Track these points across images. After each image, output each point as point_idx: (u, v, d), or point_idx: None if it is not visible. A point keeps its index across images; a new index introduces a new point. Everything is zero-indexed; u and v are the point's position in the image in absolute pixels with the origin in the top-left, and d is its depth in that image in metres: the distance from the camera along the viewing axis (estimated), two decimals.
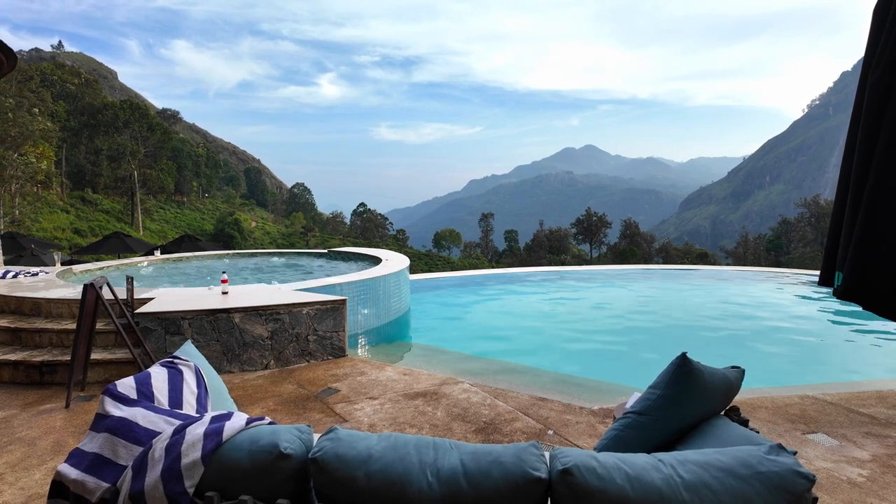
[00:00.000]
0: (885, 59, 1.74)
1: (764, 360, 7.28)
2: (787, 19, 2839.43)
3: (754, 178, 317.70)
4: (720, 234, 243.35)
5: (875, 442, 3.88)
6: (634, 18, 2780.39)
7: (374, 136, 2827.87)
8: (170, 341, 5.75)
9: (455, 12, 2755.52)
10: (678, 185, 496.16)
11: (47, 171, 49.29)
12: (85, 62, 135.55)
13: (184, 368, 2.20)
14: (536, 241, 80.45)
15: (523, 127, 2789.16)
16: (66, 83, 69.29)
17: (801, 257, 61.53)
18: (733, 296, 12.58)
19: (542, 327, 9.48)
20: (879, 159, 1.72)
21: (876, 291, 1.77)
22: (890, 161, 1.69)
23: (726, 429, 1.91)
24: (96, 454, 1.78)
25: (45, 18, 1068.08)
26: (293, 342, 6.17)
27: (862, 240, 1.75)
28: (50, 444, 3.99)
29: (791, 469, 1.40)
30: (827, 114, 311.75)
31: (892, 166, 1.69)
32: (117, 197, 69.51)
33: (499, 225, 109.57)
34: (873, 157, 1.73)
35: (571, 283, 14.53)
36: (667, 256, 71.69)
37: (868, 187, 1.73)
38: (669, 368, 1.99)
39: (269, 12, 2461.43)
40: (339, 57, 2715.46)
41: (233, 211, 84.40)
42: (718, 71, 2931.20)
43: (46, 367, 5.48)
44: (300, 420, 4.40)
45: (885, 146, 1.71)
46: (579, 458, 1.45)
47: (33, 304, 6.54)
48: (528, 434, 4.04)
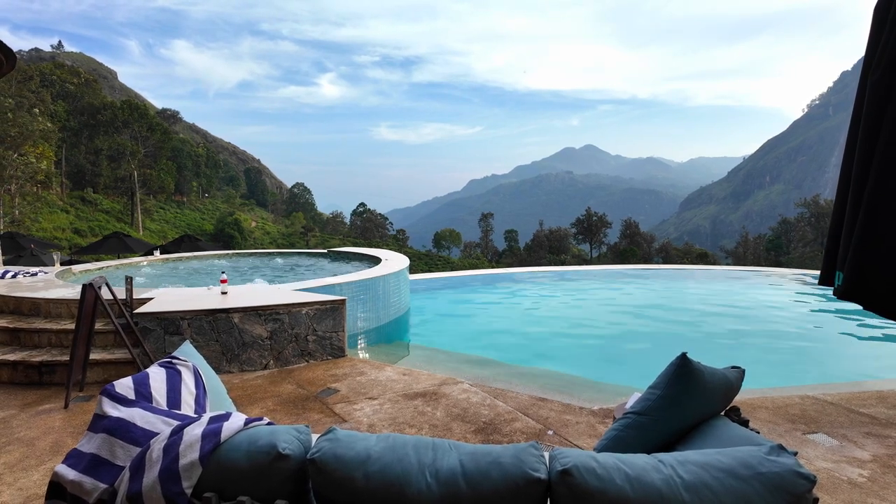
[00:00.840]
0: (885, 59, 1.74)
1: (764, 359, 7.28)
2: (787, 19, 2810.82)
3: (754, 177, 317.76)
4: (720, 234, 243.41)
5: (875, 442, 3.87)
6: (634, 18, 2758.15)
7: (375, 136, 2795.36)
8: (169, 341, 5.75)
9: (455, 12, 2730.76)
10: (678, 184, 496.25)
11: (47, 171, 49.32)
12: (85, 62, 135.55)
13: (182, 369, 2.20)
14: (536, 241, 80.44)
15: (523, 127, 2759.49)
16: (66, 83, 69.27)
17: (801, 257, 61.53)
18: (733, 296, 12.58)
19: (541, 327, 9.47)
20: (880, 159, 1.71)
21: (876, 291, 1.76)
22: (890, 161, 1.68)
23: (726, 429, 1.90)
24: (94, 455, 1.77)
25: (44, 18, 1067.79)
26: (292, 342, 6.17)
27: (862, 240, 1.75)
28: (49, 444, 3.98)
29: (792, 470, 1.39)
30: (827, 114, 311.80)
31: (892, 166, 1.68)
32: (117, 197, 69.52)
33: (499, 225, 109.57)
34: (874, 157, 1.73)
35: (571, 283, 14.53)
36: (667, 256, 71.68)
37: (868, 187, 1.72)
38: (669, 368, 1.98)
39: (269, 12, 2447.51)
40: (339, 57, 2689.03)
41: (233, 211, 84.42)
42: (718, 71, 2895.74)
43: (45, 368, 5.48)
44: (299, 420, 4.40)
45: (885, 146, 1.70)
46: (579, 459, 1.44)
47: (32, 304, 6.54)
48: (527, 434, 4.04)
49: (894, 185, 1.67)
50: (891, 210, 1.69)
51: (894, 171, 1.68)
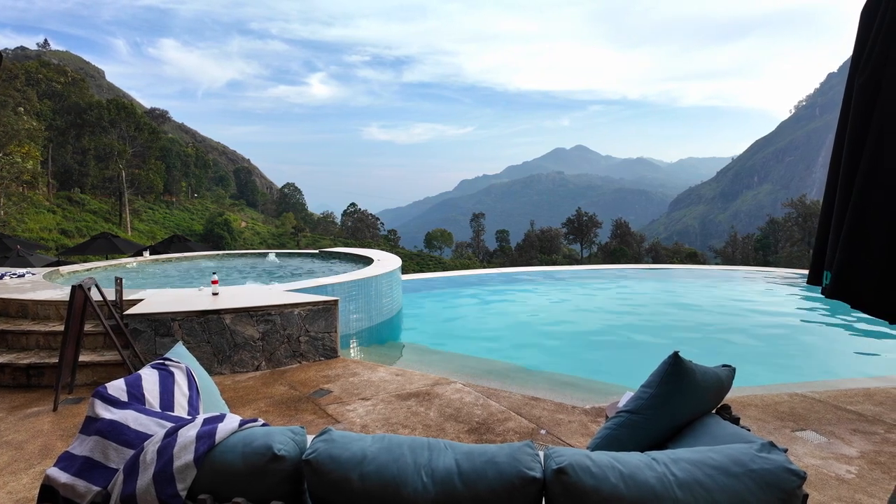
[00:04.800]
0: (871, 63, 1.77)
1: (754, 358, 7.35)
2: (775, 21, 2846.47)
3: (743, 178, 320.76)
4: (709, 234, 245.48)
5: (863, 439, 3.93)
6: (625, 20, 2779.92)
7: (365, 136, 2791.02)
8: (159, 343, 5.70)
9: (446, 12, 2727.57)
10: (668, 185, 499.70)
11: (33, 171, 48.61)
12: (71, 61, 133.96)
13: (175, 370, 2.18)
14: (528, 241, 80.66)
15: (514, 127, 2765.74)
16: (52, 82, 68.34)
17: (789, 256, 62.20)
18: (723, 295, 12.70)
19: (533, 327, 9.50)
20: (866, 160, 1.74)
21: (863, 290, 1.79)
22: (877, 161, 1.72)
23: (718, 427, 1.93)
24: (86, 457, 1.76)
25: (29, 17, 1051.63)
26: (285, 343, 6.14)
27: (850, 240, 1.78)
28: (38, 447, 3.93)
29: (782, 466, 1.41)
30: (814, 114, 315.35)
31: (879, 167, 1.71)
32: (105, 197, 68.72)
33: (490, 225, 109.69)
34: (861, 158, 1.76)
35: (563, 282, 14.58)
36: (657, 256, 72.18)
37: (856, 188, 1.75)
38: (662, 367, 2.00)
39: (258, 11, 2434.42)
40: (330, 56, 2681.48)
41: (222, 211, 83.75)
42: (707, 72, 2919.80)
43: (33, 370, 5.41)
44: (292, 421, 4.38)
45: (872, 147, 1.74)
46: (573, 458, 1.45)
47: (19, 305, 6.46)
48: (520, 434, 4.05)
49: (881, 185, 1.71)
50: (878, 210, 1.73)
51: (881, 171, 1.71)
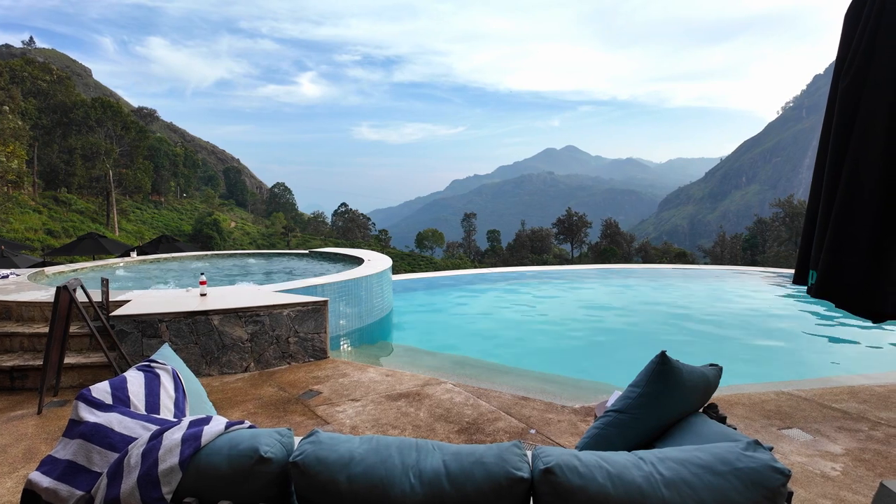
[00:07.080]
0: (855, 66, 1.79)
1: (740, 357, 7.43)
2: (761, 23, 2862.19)
3: (731, 178, 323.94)
4: (698, 234, 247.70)
5: (847, 436, 3.98)
6: (614, 20, 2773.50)
7: (356, 136, 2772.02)
8: (146, 344, 5.64)
9: (436, 12, 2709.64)
10: (657, 185, 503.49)
11: (18, 171, 47.89)
12: (58, 59, 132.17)
13: (161, 372, 2.16)
14: (519, 240, 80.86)
15: (505, 127, 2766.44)
16: (38, 80, 67.34)
17: (776, 256, 62.89)
18: (711, 294, 12.81)
19: (524, 327, 9.53)
20: (850, 162, 1.76)
21: (848, 290, 1.82)
22: (861, 163, 1.74)
23: (705, 426, 1.94)
24: (70, 461, 1.73)
25: (15, 14, 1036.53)
26: (273, 344, 6.10)
27: (835, 239, 1.80)
28: (21, 451, 3.87)
29: (767, 465, 1.43)
30: (800, 115, 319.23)
31: (863, 168, 1.74)
32: (92, 197, 67.84)
33: (481, 225, 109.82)
34: (845, 160, 1.78)
35: (553, 282, 14.63)
36: (646, 256, 72.67)
37: (840, 189, 1.78)
38: (649, 367, 2.01)
39: (247, 10, 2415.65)
40: (320, 56, 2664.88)
41: (211, 211, 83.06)
42: (695, 73, 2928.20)
43: (17, 373, 5.33)
44: (281, 423, 4.35)
45: (855, 148, 1.76)
46: (561, 457, 1.46)
47: (3, 307, 6.36)
48: (510, 433, 4.06)
49: (865, 186, 1.73)
50: (862, 211, 1.75)
51: (865, 172, 1.74)
